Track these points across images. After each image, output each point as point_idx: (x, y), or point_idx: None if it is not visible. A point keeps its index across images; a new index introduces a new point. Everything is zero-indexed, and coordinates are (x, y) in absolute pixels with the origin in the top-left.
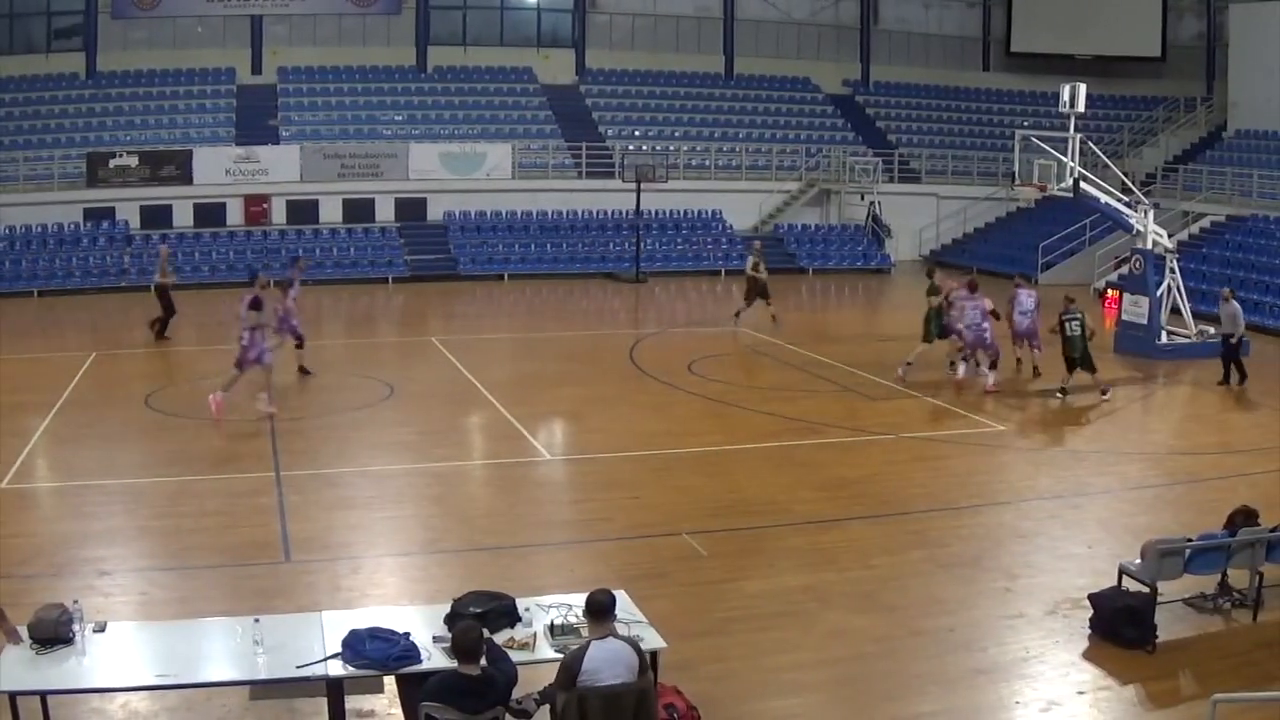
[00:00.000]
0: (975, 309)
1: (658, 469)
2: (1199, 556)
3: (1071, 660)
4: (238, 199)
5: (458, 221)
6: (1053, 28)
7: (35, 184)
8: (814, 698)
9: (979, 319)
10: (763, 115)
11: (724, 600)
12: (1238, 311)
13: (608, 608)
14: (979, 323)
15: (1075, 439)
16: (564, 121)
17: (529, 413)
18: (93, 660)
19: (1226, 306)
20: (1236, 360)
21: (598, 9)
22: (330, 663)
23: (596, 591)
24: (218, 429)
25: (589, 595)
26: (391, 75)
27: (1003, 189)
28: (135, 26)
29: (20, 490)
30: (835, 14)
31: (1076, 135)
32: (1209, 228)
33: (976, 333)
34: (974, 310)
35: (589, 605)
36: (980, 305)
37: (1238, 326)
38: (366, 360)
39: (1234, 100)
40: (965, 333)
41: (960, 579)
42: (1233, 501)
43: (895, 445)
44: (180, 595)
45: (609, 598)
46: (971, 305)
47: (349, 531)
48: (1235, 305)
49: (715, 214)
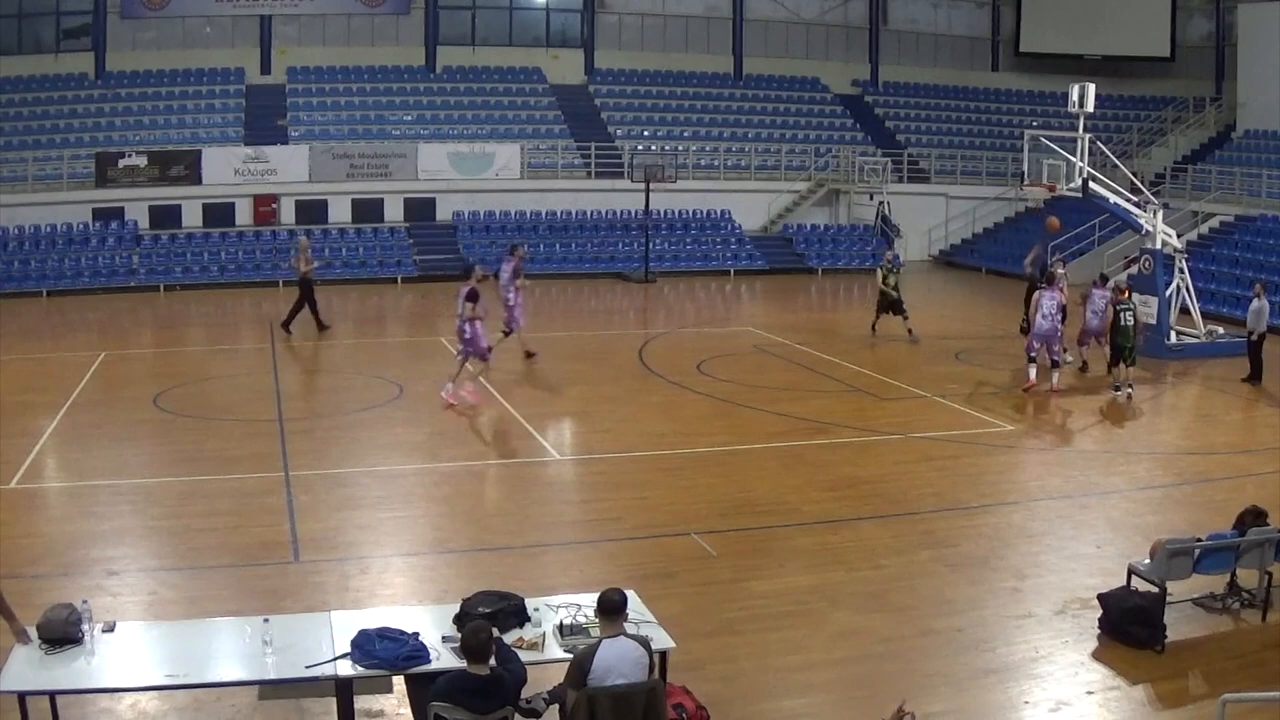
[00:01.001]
0: (1053, 300)
1: (667, 469)
2: (1208, 556)
3: (1080, 660)
4: (246, 199)
5: (467, 221)
6: (1062, 28)
7: (44, 184)
8: (823, 698)
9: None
10: (772, 115)
11: (733, 600)
12: (1261, 308)
13: (620, 607)
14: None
15: (1084, 439)
16: (573, 121)
17: (538, 413)
18: (101, 660)
19: (1256, 303)
20: (1255, 357)
21: (607, 9)
22: (339, 663)
23: (609, 591)
24: (226, 429)
25: (601, 594)
26: (400, 75)
27: (1012, 189)
28: (144, 26)
29: (29, 490)
30: (844, 14)
31: (1085, 135)
32: (1218, 228)
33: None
34: (1050, 302)
35: (601, 604)
36: (1057, 298)
37: (1258, 324)
38: (375, 360)
39: (1243, 100)
40: (1041, 323)
41: (969, 579)
42: (1242, 501)
43: (904, 445)
44: (189, 595)
45: (621, 597)
46: (1049, 297)
47: (358, 531)
48: (1262, 301)
49: (724, 214)
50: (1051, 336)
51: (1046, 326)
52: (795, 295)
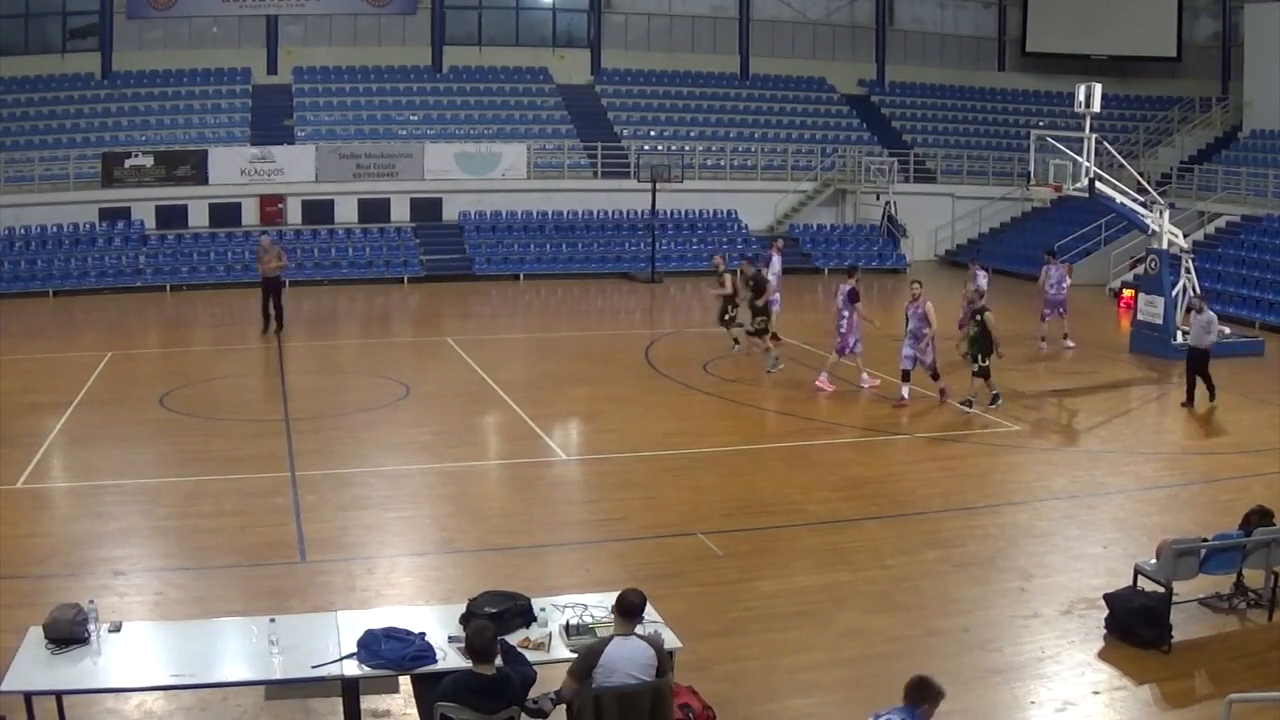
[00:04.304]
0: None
1: (673, 469)
2: (1214, 556)
3: (1087, 660)
4: (253, 199)
5: (473, 221)
6: (1068, 28)
7: (51, 184)
8: (829, 697)
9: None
10: (778, 115)
11: (739, 600)
12: (1209, 321)
13: (637, 609)
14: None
15: (1090, 439)
16: (579, 121)
17: (544, 413)
18: (108, 660)
19: (1199, 316)
20: (1204, 373)
21: (613, 9)
22: (345, 663)
23: (629, 591)
24: (232, 429)
25: (621, 593)
26: (407, 75)
27: (1018, 189)
28: (150, 26)
29: (36, 490)
30: (850, 14)
31: (1092, 135)
32: (1224, 228)
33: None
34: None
35: (619, 603)
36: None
37: (1203, 338)
38: (382, 360)
39: (1249, 100)
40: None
41: (975, 579)
42: (1248, 501)
43: (910, 445)
44: (195, 595)
45: (639, 599)
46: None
47: (364, 531)
48: (1210, 314)
49: (730, 214)
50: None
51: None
52: (801, 295)
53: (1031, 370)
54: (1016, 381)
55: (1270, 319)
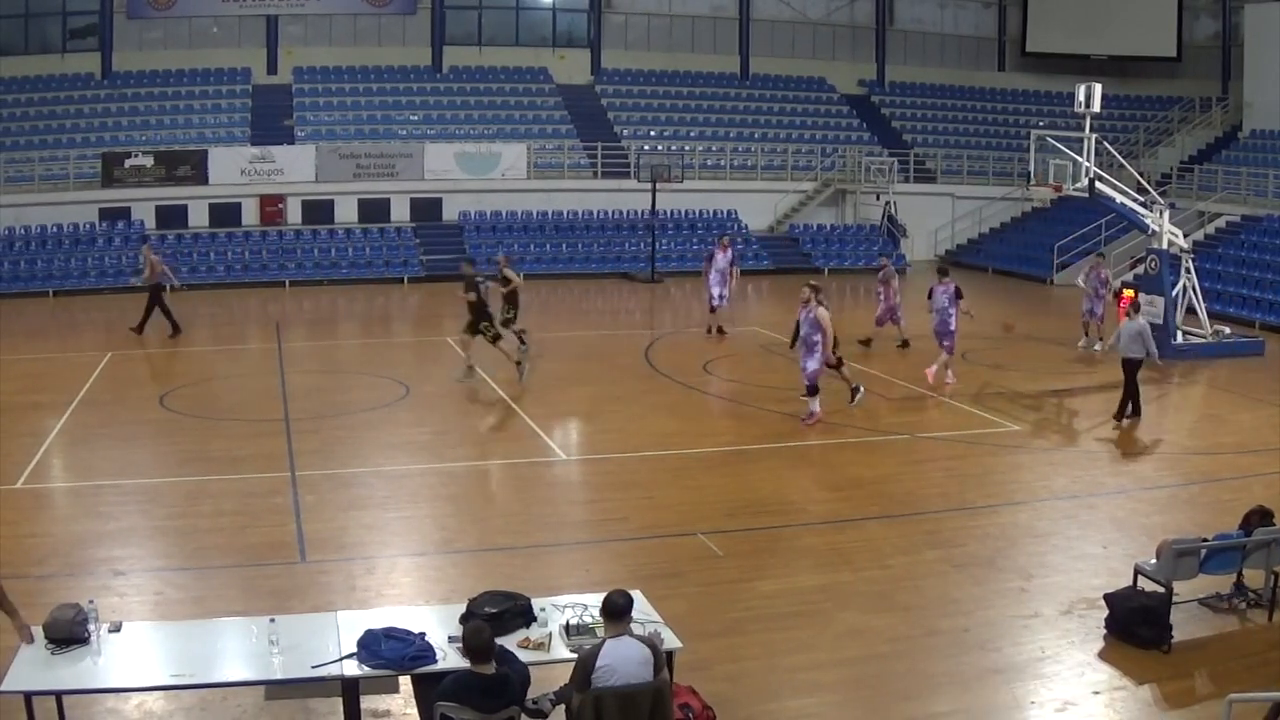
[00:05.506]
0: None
1: (673, 469)
2: (1214, 556)
3: (1087, 660)
4: (253, 199)
5: (473, 221)
6: (1068, 28)
7: (50, 184)
8: (829, 697)
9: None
10: (778, 115)
11: (739, 600)
12: (1144, 329)
13: (623, 609)
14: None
15: (1090, 439)
16: (579, 121)
17: (544, 413)
18: (108, 660)
19: (1130, 324)
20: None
21: (613, 9)
22: (345, 663)
23: (613, 593)
24: (232, 429)
25: (606, 596)
26: (407, 75)
27: (1018, 189)
28: (150, 26)
29: (35, 490)
30: (850, 14)
31: (1092, 135)
32: (1224, 228)
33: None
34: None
35: (605, 606)
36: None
37: (1135, 347)
38: (382, 360)
39: (1249, 100)
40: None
41: (975, 579)
42: (1248, 501)
43: (910, 445)
44: (195, 595)
45: (625, 600)
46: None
47: (364, 531)
48: (1143, 322)
49: (730, 214)
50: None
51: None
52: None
53: (1032, 371)
54: (1017, 382)
55: (1270, 319)
